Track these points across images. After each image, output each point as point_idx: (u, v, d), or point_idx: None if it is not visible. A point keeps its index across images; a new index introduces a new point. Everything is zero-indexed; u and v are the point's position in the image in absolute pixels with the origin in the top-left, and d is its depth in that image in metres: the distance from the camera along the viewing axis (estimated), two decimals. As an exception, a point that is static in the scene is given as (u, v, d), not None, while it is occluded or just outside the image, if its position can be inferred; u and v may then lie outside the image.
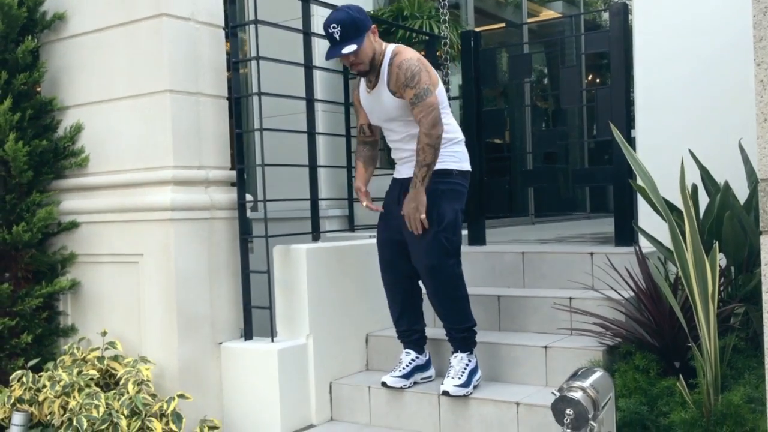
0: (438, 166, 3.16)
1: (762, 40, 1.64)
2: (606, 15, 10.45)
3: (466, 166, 3.32)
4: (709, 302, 2.69)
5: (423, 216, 3.13)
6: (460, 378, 3.21)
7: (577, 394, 2.11)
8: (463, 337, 3.29)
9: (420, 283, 3.43)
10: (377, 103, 3.29)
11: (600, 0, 10.57)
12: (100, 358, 3.38)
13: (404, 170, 3.36)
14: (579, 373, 2.26)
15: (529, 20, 8.13)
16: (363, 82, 3.38)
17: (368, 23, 3.18)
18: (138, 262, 3.45)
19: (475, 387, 3.26)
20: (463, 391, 3.20)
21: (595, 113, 4.17)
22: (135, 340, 3.47)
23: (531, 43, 7.79)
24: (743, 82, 3.57)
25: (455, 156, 3.28)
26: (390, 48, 3.24)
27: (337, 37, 3.11)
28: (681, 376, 2.80)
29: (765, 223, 1.68)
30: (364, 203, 3.43)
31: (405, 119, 3.22)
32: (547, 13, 9.67)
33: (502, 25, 8.24)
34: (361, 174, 3.49)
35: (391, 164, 5.24)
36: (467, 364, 3.26)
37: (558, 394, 2.15)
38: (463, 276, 3.29)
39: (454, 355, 3.30)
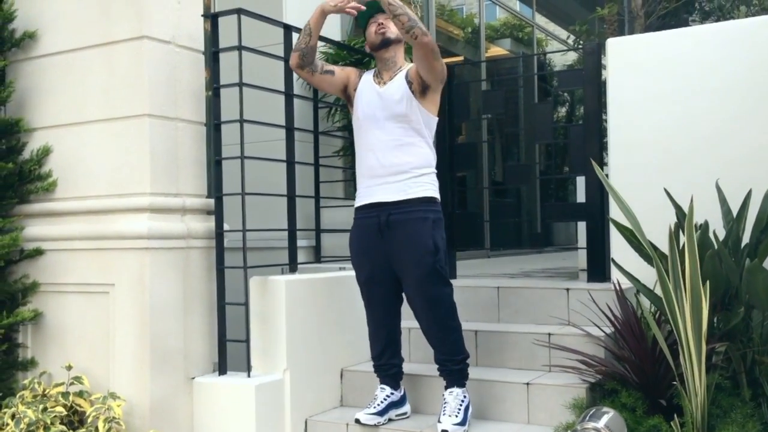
0: (425, 194, 3.20)
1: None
2: (551, 56, 10.75)
3: (439, 197, 3.32)
4: (702, 342, 2.72)
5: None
6: (457, 416, 3.15)
7: (593, 436, 2.09)
8: (459, 369, 3.24)
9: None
10: (387, 99, 3.23)
11: (546, 40, 10.85)
12: (65, 394, 3.20)
13: (384, 192, 3.22)
14: (591, 414, 2.24)
15: (489, 57, 8.25)
16: (365, 77, 3.36)
17: None
18: (108, 293, 3.29)
19: (469, 425, 3.20)
20: (461, 430, 3.14)
21: (568, 150, 4.21)
22: (102, 375, 3.30)
23: (495, 79, 7.90)
24: (718, 124, 3.69)
25: (435, 185, 3.28)
26: (410, 64, 3.30)
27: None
28: (675, 415, 2.81)
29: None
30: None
31: (405, 121, 3.19)
32: (496, 50, 9.85)
33: (461, 58, 8.35)
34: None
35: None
36: (462, 401, 3.21)
37: (573, 436, 2.12)
38: (456, 306, 3.28)
39: (449, 390, 3.24)
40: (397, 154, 3.21)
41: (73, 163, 3.44)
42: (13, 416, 3.02)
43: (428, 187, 3.23)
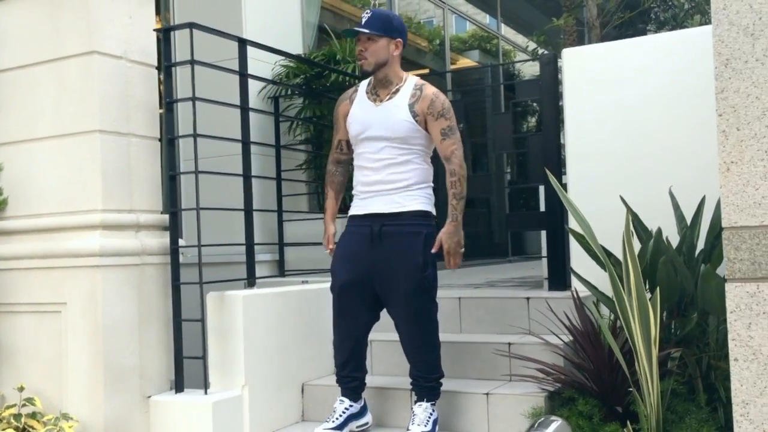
0: (419, 207, 3.21)
1: (723, 91, 1.69)
2: (519, 65, 10.84)
3: (434, 211, 3.33)
4: (651, 347, 2.73)
5: (462, 250, 3.19)
6: (426, 425, 3.14)
7: (539, 445, 2.09)
8: (431, 387, 3.23)
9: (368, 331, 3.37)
10: (383, 118, 3.20)
11: (513, 51, 10.95)
12: (17, 416, 3.13)
13: (378, 204, 3.21)
14: (537, 423, 2.24)
15: (453, 68, 8.29)
16: (359, 94, 3.32)
17: (396, 33, 3.22)
18: (60, 312, 3.24)
19: None
20: None
21: (527, 160, 4.23)
22: (56, 396, 3.24)
23: (456, 90, 7.94)
24: (672, 131, 3.72)
25: (430, 200, 3.28)
26: (413, 77, 3.30)
27: (362, 21, 3.17)
28: (628, 422, 2.82)
29: (730, 271, 1.71)
30: (329, 248, 3.34)
31: (406, 143, 3.19)
32: (465, 61, 9.92)
33: (427, 71, 8.38)
34: (331, 206, 3.42)
35: (321, 208, 5.20)
36: (431, 414, 3.19)
37: (520, 445, 2.11)
38: (438, 324, 3.27)
39: (418, 404, 3.22)
40: (394, 170, 3.20)
41: (24, 181, 3.39)
42: (-39, 440, 2.96)
43: (423, 200, 3.23)
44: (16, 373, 3.35)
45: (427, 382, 3.23)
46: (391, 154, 3.19)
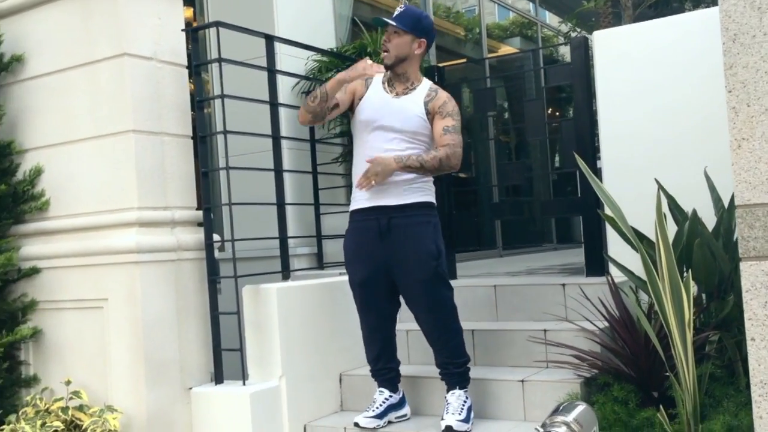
0: (424, 199, 3.24)
1: (732, 67, 1.65)
2: (562, 49, 10.70)
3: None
4: (686, 330, 2.68)
5: (373, 184, 3.15)
6: (460, 414, 3.16)
7: (561, 429, 2.08)
8: (460, 373, 3.24)
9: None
10: (399, 111, 3.23)
11: (555, 36, 10.80)
12: (65, 409, 3.24)
13: (384, 196, 3.21)
14: (561, 407, 2.23)
15: (490, 56, 8.23)
16: (375, 82, 3.33)
17: (422, 33, 3.24)
18: (102, 308, 3.34)
19: (472, 424, 3.19)
20: (465, 427, 3.14)
21: (559, 145, 4.19)
22: (100, 389, 3.34)
23: (493, 77, 7.88)
24: (707, 112, 3.64)
25: (432, 191, 3.31)
26: (428, 81, 3.35)
27: (393, 14, 3.22)
28: (661, 406, 2.78)
29: (744, 249, 1.67)
30: (369, 66, 3.22)
31: (415, 138, 3.21)
32: (506, 49, 9.83)
33: (464, 60, 8.34)
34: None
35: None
36: (465, 401, 3.21)
37: (541, 430, 2.11)
38: (457, 309, 3.29)
39: (451, 392, 3.24)
40: None
41: (64, 182, 3.50)
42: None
43: (427, 192, 3.27)
44: (62, 368, 3.47)
45: (455, 368, 3.23)
46: (399, 146, 3.20)
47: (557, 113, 9.84)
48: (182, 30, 3.52)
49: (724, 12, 1.65)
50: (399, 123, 3.21)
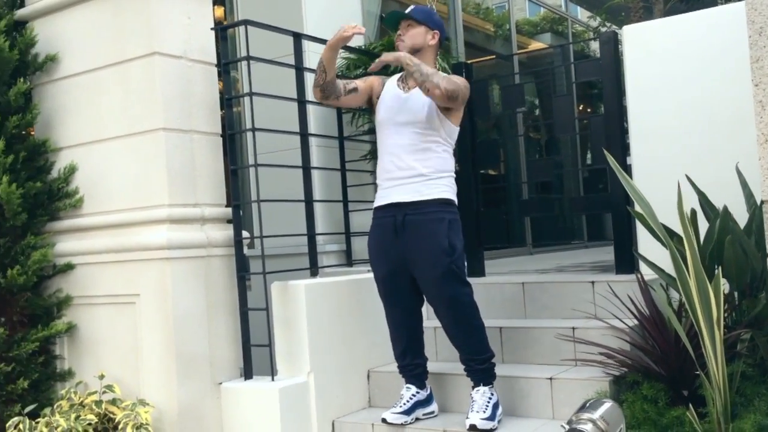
0: (441, 195, 3.22)
1: (759, 60, 1.63)
2: (593, 45, 10.60)
3: (456, 200, 3.34)
4: (714, 328, 2.65)
5: (381, 61, 3.20)
6: (485, 411, 3.15)
7: (587, 427, 2.07)
8: (483, 369, 3.24)
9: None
10: (409, 104, 3.28)
11: (587, 31, 10.70)
12: (98, 402, 3.31)
13: (400, 193, 3.25)
14: (587, 404, 2.21)
15: (519, 52, 8.19)
16: (390, 80, 3.41)
17: (435, 25, 3.32)
18: (135, 303, 3.40)
19: (499, 422, 3.19)
20: (489, 425, 3.13)
21: (589, 141, 4.16)
22: (133, 383, 3.40)
23: (521, 73, 7.84)
24: (738, 106, 3.59)
25: (452, 188, 3.30)
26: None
27: (405, 11, 3.30)
28: (690, 405, 2.75)
29: (773, 245, 1.65)
30: (353, 30, 3.23)
31: (426, 126, 3.23)
32: (536, 45, 9.77)
33: (493, 57, 8.30)
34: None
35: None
36: (490, 398, 3.21)
37: (567, 427, 2.10)
38: (477, 305, 3.28)
39: (476, 389, 3.24)
40: (415, 157, 3.24)
41: (97, 180, 3.56)
42: (47, 425, 3.14)
43: (444, 189, 3.26)
44: (96, 362, 3.54)
45: (477, 365, 3.23)
46: (414, 140, 3.23)
47: (588, 109, 9.75)
48: (211, 29, 3.56)
49: (750, 4, 1.63)
50: (411, 115, 3.25)
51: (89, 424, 3.18)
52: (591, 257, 6.30)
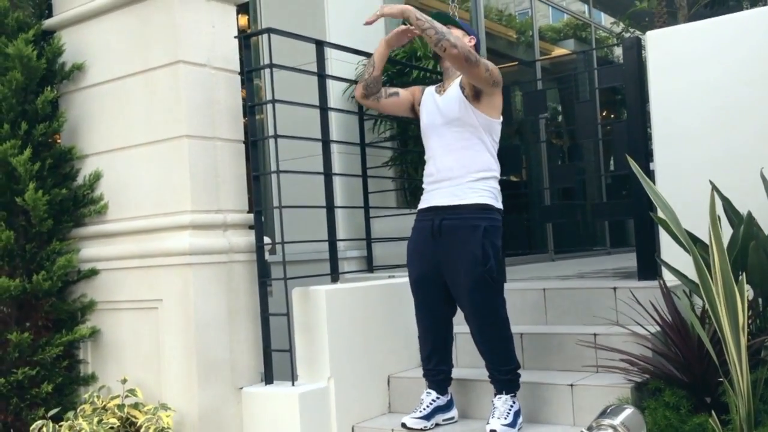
0: (479, 200, 3.18)
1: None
2: (617, 50, 10.54)
3: (500, 204, 3.29)
4: (740, 335, 2.63)
5: (382, 14, 3.21)
6: (506, 418, 3.14)
7: (608, 433, 2.06)
8: (507, 379, 3.23)
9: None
10: (443, 104, 3.29)
11: (609, 37, 10.65)
12: (121, 406, 3.34)
13: (438, 197, 3.25)
14: (608, 410, 2.20)
15: (541, 58, 8.17)
16: (432, 89, 3.43)
17: (473, 33, 3.42)
18: (157, 308, 3.43)
19: (519, 429, 3.18)
20: (510, 431, 3.12)
21: (612, 147, 4.14)
22: (155, 387, 3.44)
23: (544, 79, 7.82)
24: (762, 112, 3.56)
25: (493, 192, 3.24)
26: None
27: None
28: (713, 412, 2.72)
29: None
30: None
31: (459, 125, 3.21)
32: (559, 51, 9.74)
33: (515, 63, 8.29)
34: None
35: (408, 203, 5.26)
36: (512, 406, 3.19)
37: (588, 432, 2.09)
38: (508, 317, 3.26)
39: (498, 396, 3.23)
40: (451, 158, 3.23)
41: (122, 186, 3.61)
42: (70, 428, 3.18)
43: (484, 193, 3.21)
44: (119, 366, 3.58)
45: (501, 375, 3.22)
46: (451, 140, 3.23)
47: (611, 115, 9.69)
48: (235, 37, 3.60)
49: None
50: (446, 115, 3.26)
51: (111, 428, 3.22)
52: (613, 264, 6.26)
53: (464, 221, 3.18)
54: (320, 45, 3.83)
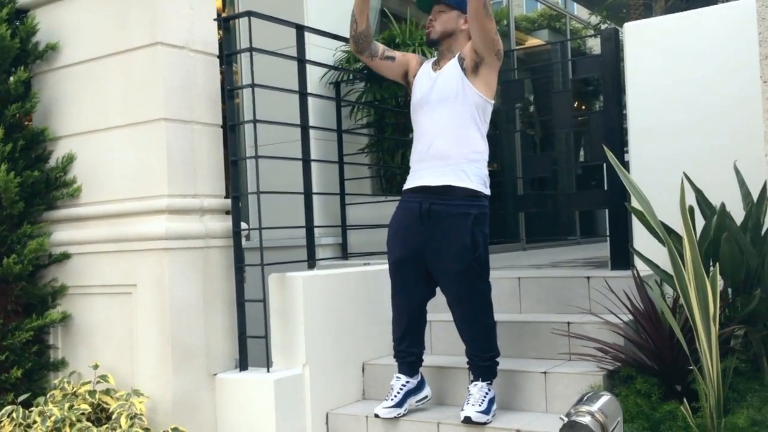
0: (470, 185, 3.16)
1: None
2: (589, 42, 10.61)
3: (489, 190, 3.27)
4: (710, 324, 2.68)
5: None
6: (480, 405, 3.15)
7: (586, 419, 2.09)
8: (486, 366, 3.24)
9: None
10: (439, 80, 3.24)
11: (584, 28, 10.72)
12: (92, 392, 3.31)
13: (428, 176, 3.20)
14: (586, 397, 2.23)
15: (517, 47, 8.20)
16: (429, 65, 3.37)
17: (465, 8, 3.18)
18: (131, 293, 3.40)
19: (493, 416, 3.20)
20: (484, 418, 3.14)
21: (588, 138, 4.18)
22: (127, 373, 3.40)
23: (521, 69, 7.85)
24: (737, 104, 3.61)
25: (483, 178, 3.23)
26: None
27: None
28: (685, 399, 2.78)
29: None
30: None
31: (455, 103, 3.18)
32: (533, 41, 9.78)
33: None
34: None
35: (384, 191, 5.26)
36: (487, 393, 3.21)
37: (566, 419, 2.12)
38: (492, 304, 3.27)
39: (474, 383, 3.24)
40: (443, 137, 3.19)
41: (96, 169, 3.56)
42: (40, 414, 3.14)
43: (475, 179, 3.18)
44: (91, 352, 3.54)
45: (482, 361, 3.24)
46: (445, 117, 3.19)
47: (582, 107, 9.76)
48: (214, 19, 3.56)
49: (762, 1, 1.63)
50: (441, 92, 3.22)
51: (82, 413, 3.18)
52: (584, 253, 6.33)
53: (455, 208, 3.16)
54: (300, 29, 3.81)
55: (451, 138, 3.18)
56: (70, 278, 3.61)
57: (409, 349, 3.39)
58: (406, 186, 3.32)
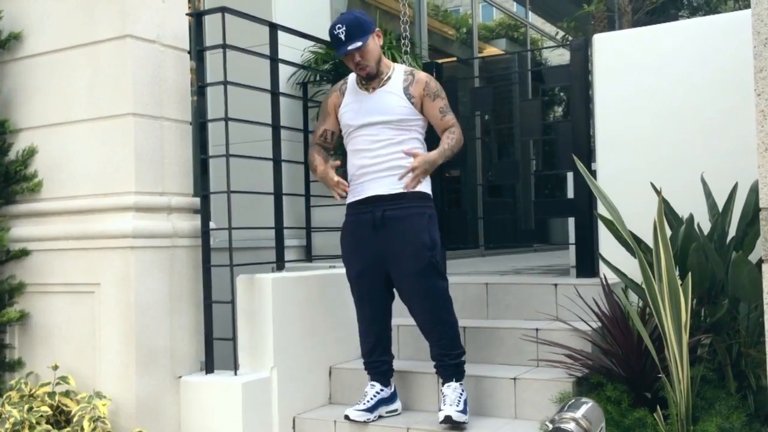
0: (424, 189, 3.25)
1: (762, 70, 1.67)
2: (545, 53, 10.78)
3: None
4: (682, 332, 2.72)
5: (421, 181, 3.21)
6: (458, 405, 3.16)
7: (570, 426, 2.09)
8: (455, 364, 3.25)
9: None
10: (378, 104, 3.24)
11: (541, 39, 10.86)
12: (51, 394, 3.20)
13: (376, 186, 3.23)
14: (568, 405, 2.24)
15: (483, 55, 8.26)
16: (350, 85, 3.36)
17: (372, 26, 3.25)
18: (94, 292, 3.29)
19: (468, 417, 3.19)
20: (463, 417, 3.14)
21: (556, 147, 4.22)
22: (88, 375, 3.30)
23: (487, 77, 7.91)
24: (704, 116, 3.69)
25: (428, 182, 3.30)
26: (400, 65, 3.38)
27: (343, 38, 3.17)
28: (657, 407, 2.81)
29: (767, 251, 1.70)
30: (338, 191, 3.30)
31: (402, 124, 3.23)
32: (492, 50, 9.87)
33: (454, 59, 8.35)
34: (323, 161, 3.40)
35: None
36: (461, 393, 3.21)
37: (551, 426, 2.12)
38: (452, 301, 3.29)
39: (447, 384, 3.23)
40: (392, 150, 3.22)
41: (58, 163, 3.44)
42: (-2, 416, 3.02)
43: (424, 183, 3.25)
44: (50, 352, 3.42)
45: (451, 359, 3.24)
46: (389, 135, 3.23)
47: (543, 116, 9.89)
48: (186, 14, 3.48)
49: (757, 15, 1.67)
50: (381, 115, 3.24)
51: (41, 415, 3.07)
52: (542, 261, 6.41)
53: (409, 210, 3.21)
54: (274, 28, 3.75)
55: (399, 148, 3.22)
56: (29, 276, 3.48)
57: (381, 358, 3.39)
58: (353, 199, 3.32)
